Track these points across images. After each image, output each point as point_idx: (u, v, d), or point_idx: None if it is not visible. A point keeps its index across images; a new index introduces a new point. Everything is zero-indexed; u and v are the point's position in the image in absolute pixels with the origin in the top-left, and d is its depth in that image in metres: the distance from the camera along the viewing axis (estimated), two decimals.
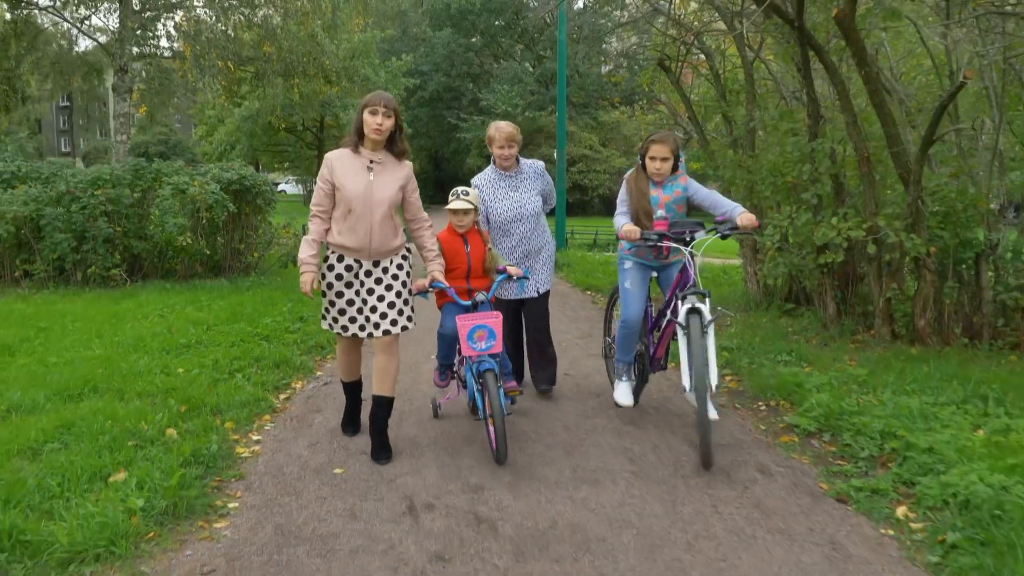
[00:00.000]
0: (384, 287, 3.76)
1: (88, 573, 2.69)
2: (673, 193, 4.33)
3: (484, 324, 3.81)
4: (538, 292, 4.86)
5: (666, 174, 4.26)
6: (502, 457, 3.68)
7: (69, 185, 9.34)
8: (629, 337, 4.47)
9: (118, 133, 14.12)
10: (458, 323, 3.84)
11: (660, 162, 4.20)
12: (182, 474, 3.35)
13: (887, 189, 7.17)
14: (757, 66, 8.63)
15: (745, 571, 2.79)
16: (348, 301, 3.75)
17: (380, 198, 3.67)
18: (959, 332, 6.72)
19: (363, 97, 3.77)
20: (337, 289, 3.75)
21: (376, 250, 3.73)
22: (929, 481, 3.45)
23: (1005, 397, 4.85)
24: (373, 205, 3.65)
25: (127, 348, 6.00)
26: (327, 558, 2.84)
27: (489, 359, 3.81)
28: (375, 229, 3.67)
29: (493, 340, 3.82)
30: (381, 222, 3.68)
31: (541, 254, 4.90)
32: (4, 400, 4.45)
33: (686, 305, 3.83)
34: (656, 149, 4.20)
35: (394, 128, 3.71)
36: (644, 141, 4.40)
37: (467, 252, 4.22)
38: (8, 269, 9.44)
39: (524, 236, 4.79)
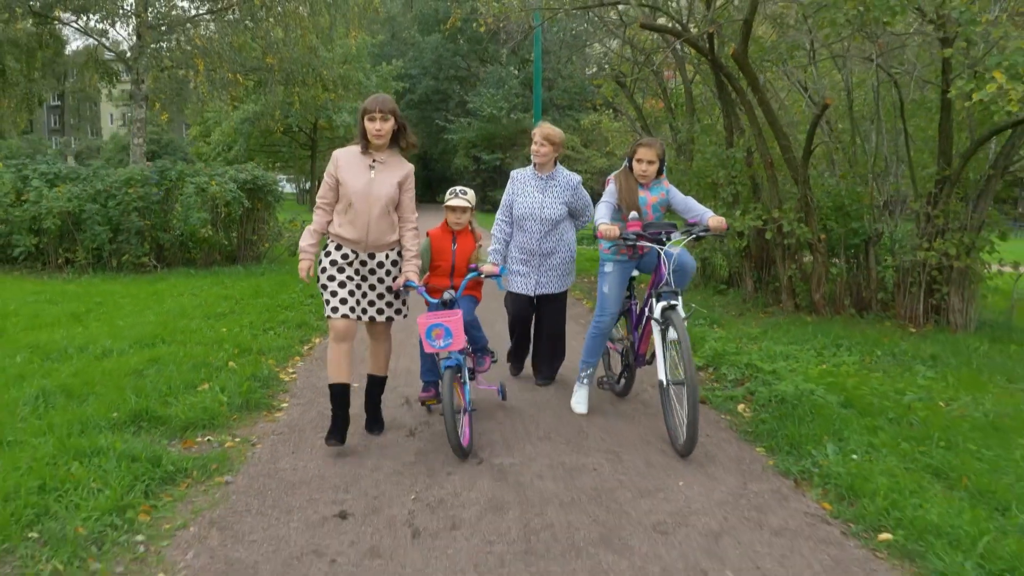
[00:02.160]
0: (376, 279, 3.98)
1: (200, 434, 4.19)
2: (659, 195, 4.54)
3: (440, 323, 3.86)
4: (535, 293, 5.05)
5: (651, 176, 4.47)
6: (457, 452, 3.82)
7: (105, 184, 10.76)
8: (599, 339, 4.73)
9: (135, 137, 15.51)
10: (418, 321, 3.92)
11: (647, 165, 4.40)
12: (248, 384, 4.86)
13: (794, 187, 8.75)
14: (697, 84, 10.20)
15: (629, 437, 4.33)
16: (340, 283, 3.89)
17: (378, 195, 3.86)
18: (848, 304, 8.32)
19: (359, 102, 4.13)
20: (330, 273, 3.91)
21: (372, 243, 3.91)
22: (764, 389, 5.01)
23: (854, 346, 6.45)
24: (371, 201, 3.84)
25: (175, 315, 7.46)
26: (354, 422, 4.35)
27: (456, 355, 3.91)
28: (372, 223, 3.86)
29: (450, 338, 3.86)
30: (378, 217, 3.87)
31: (552, 258, 5.03)
32: (99, 346, 5.92)
33: (661, 303, 4.05)
34: (643, 152, 4.41)
35: (395, 128, 3.92)
36: (632, 144, 4.62)
37: (453, 250, 4.38)
38: (53, 257, 10.86)
39: (535, 236, 4.95)
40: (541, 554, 2.84)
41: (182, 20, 15.63)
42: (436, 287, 4.30)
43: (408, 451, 4.02)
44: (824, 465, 3.74)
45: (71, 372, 5.06)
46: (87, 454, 3.57)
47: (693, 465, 3.86)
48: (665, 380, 4.03)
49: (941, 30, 6.67)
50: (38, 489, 3.16)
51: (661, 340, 4.06)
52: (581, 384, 4.82)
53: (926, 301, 7.91)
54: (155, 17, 15.36)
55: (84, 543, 2.85)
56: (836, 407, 4.62)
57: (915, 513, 3.13)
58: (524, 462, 3.84)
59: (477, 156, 37.28)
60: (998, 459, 3.86)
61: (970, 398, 5.06)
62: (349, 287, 3.90)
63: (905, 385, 5.31)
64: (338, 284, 3.90)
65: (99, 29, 15.70)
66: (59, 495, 3.16)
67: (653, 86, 11.10)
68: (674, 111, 10.49)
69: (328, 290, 3.90)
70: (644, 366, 4.77)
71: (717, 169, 8.30)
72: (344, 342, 3.91)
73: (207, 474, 3.61)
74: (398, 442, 4.16)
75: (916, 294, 7.94)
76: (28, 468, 3.34)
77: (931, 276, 7.81)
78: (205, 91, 15.42)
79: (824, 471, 3.67)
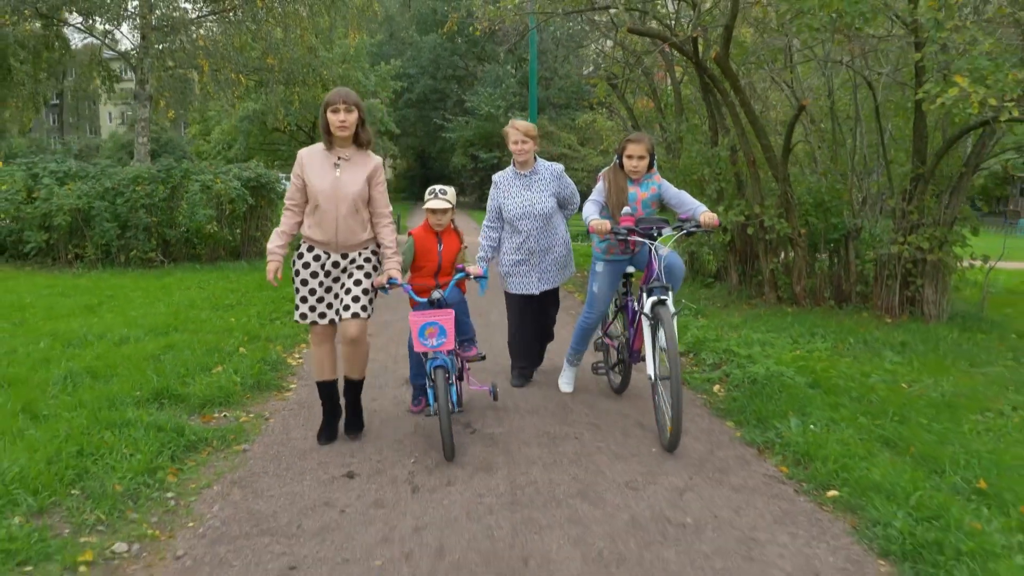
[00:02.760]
0: (348, 276, 3.87)
1: (216, 411, 4.56)
2: (649, 191, 4.53)
3: (435, 321, 3.81)
4: (538, 291, 4.98)
5: (642, 172, 4.48)
6: (449, 453, 3.73)
7: (114, 182, 11.13)
8: (587, 333, 4.90)
9: (139, 136, 15.86)
10: (410, 319, 3.87)
11: (637, 160, 4.42)
12: (259, 367, 5.24)
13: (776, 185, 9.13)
14: (686, 84, 10.57)
15: (610, 412, 4.71)
16: (311, 290, 3.84)
17: (345, 193, 3.74)
18: (829, 296, 8.71)
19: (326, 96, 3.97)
20: (303, 277, 3.85)
21: (342, 243, 3.81)
22: (738, 371, 5.38)
23: (828, 334, 6.84)
24: (338, 200, 3.73)
25: (185, 307, 7.82)
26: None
27: (443, 356, 3.86)
28: (340, 223, 3.76)
29: (444, 337, 3.82)
30: (347, 216, 3.76)
31: (549, 254, 4.96)
32: (116, 334, 6.28)
33: (651, 298, 4.03)
34: (632, 148, 4.41)
35: (358, 121, 3.80)
36: (621, 141, 4.61)
37: (439, 251, 4.28)
38: (63, 253, 11.22)
39: (531, 234, 4.87)
40: (525, 504, 3.23)
41: (185, 22, 15.96)
42: (421, 287, 4.18)
43: (408, 424, 4.39)
44: (786, 436, 4.12)
45: (93, 356, 5.43)
46: (117, 425, 3.94)
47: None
48: (653, 375, 4.03)
49: (913, 34, 7.05)
50: (76, 454, 3.54)
51: (651, 336, 4.06)
52: (569, 365, 5.09)
53: (902, 293, 8.29)
54: (159, 19, 15.69)
55: (121, 498, 3.23)
56: (804, 387, 5.00)
57: (861, 474, 3.51)
58: (512, 432, 4.22)
59: (475, 155, 37.59)
60: (946, 432, 4.23)
61: (932, 380, 5.44)
62: (319, 292, 3.86)
63: (872, 369, 5.70)
64: (308, 290, 3.86)
65: (104, 30, 16.03)
66: (95, 459, 3.53)
67: (644, 86, 11.47)
68: (664, 111, 10.86)
69: (299, 295, 3.89)
70: (640, 362, 4.63)
71: (702, 167, 8.68)
72: (325, 344, 3.98)
73: (226, 443, 3.99)
74: (399, 416, 4.54)
75: (892, 286, 8.32)
76: (66, 436, 3.71)
77: (906, 269, 8.19)
78: (210, 91, 15.78)
79: (785, 440, 4.05)
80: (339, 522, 3.09)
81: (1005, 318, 8.61)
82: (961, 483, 3.45)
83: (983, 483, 3.42)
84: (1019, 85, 5.89)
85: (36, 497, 3.12)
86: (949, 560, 2.75)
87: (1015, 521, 3.06)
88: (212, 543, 2.91)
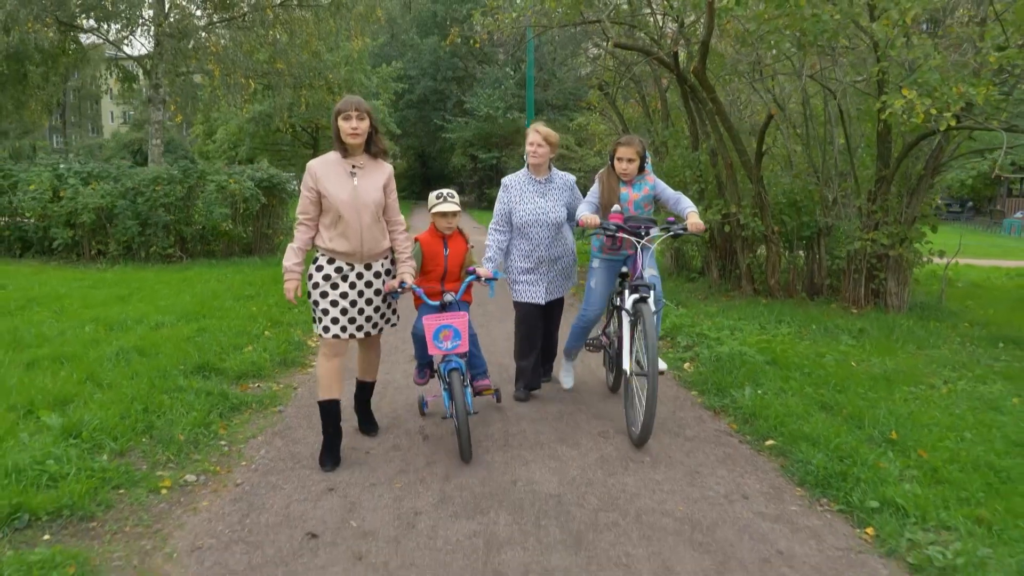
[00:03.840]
0: (374, 292, 3.83)
1: (251, 382, 5.27)
2: (641, 191, 4.59)
3: (450, 324, 3.84)
4: (544, 300, 4.87)
5: (633, 174, 4.53)
6: (466, 455, 3.75)
7: (135, 182, 11.84)
8: (584, 330, 4.96)
9: (152, 137, 16.60)
10: (424, 323, 3.89)
11: (627, 163, 4.46)
12: (284, 347, 5.96)
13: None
14: (673, 91, 11.29)
15: (593, 383, 5.43)
16: (332, 302, 3.73)
17: (366, 202, 3.69)
18: (801, 289, 9.44)
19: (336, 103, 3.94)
20: (322, 289, 3.75)
21: (367, 253, 3.76)
22: (707, 351, 6.11)
23: (794, 321, 7.56)
24: (360, 209, 3.67)
25: (209, 297, 8.54)
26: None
27: (456, 359, 3.87)
28: (364, 233, 3.71)
29: (459, 340, 3.84)
30: (370, 225, 3.72)
31: (558, 263, 4.90)
32: (152, 320, 7.00)
33: (633, 296, 4.10)
34: (623, 151, 4.47)
35: (370, 129, 3.75)
36: (613, 143, 4.65)
37: (445, 256, 4.24)
38: (87, 249, 11.94)
39: (541, 242, 4.79)
40: (515, 446, 3.96)
41: (197, 28, 16.67)
42: (428, 291, 4.14)
43: (415, 392, 5.10)
44: (739, 401, 4.84)
45: (137, 338, 6.15)
46: (171, 390, 4.67)
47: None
48: (629, 370, 4.07)
49: (875, 49, 7.77)
50: (143, 411, 4.26)
51: (629, 331, 4.13)
52: (567, 360, 5.24)
53: (867, 286, 9.02)
54: (171, 25, 16.39)
55: (184, 444, 3.95)
56: (762, 364, 5.73)
57: (795, 428, 4.23)
58: (507, 397, 4.94)
59: (474, 155, 38.35)
60: (878, 399, 4.95)
61: (879, 360, 6.18)
62: (343, 304, 3.74)
63: (827, 350, 6.43)
64: (330, 302, 3.74)
65: (120, 37, 16.76)
66: (158, 415, 4.26)
67: (634, 93, 12.19)
68: (651, 116, 11.59)
69: (320, 307, 3.75)
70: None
71: (684, 169, 9.41)
72: (337, 357, 3.83)
73: (264, 405, 4.71)
74: (409, 385, 5.26)
75: (858, 280, 9.05)
76: (131, 398, 4.43)
77: (871, 264, 8.93)
78: (220, 95, 16.53)
79: (738, 404, 4.77)
80: (365, 459, 3.82)
81: (964, 309, 9.33)
82: (877, 435, 4.17)
83: (895, 434, 4.15)
84: (963, 98, 6.63)
85: (116, 442, 3.83)
86: (850, 486, 3.47)
87: (912, 461, 3.78)
88: (264, 474, 3.63)
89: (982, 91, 6.56)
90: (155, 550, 2.91)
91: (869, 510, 3.25)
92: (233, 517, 3.19)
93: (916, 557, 2.88)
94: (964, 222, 36.14)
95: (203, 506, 3.30)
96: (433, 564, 2.81)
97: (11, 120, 19.08)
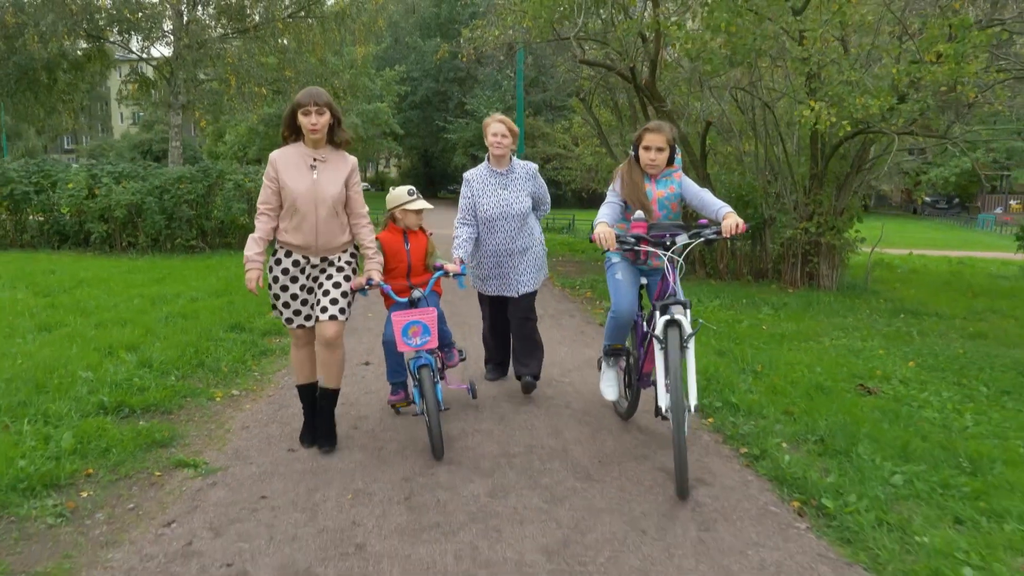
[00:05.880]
0: (326, 277, 3.75)
1: (274, 338, 6.66)
2: (667, 189, 3.93)
3: (418, 320, 3.81)
4: (518, 293, 4.81)
5: (661, 166, 3.87)
6: (438, 453, 3.75)
7: (161, 181, 13.27)
8: (619, 328, 4.07)
9: (172, 140, 18.06)
10: (392, 319, 3.87)
11: (655, 152, 3.82)
12: None
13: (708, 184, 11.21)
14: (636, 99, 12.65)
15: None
16: (292, 295, 3.74)
17: (324, 196, 3.63)
18: (747, 272, 10.81)
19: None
20: (282, 283, 3.73)
21: (322, 247, 3.70)
22: None
23: (726, 296, 8.92)
24: (317, 203, 3.62)
25: (233, 280, 9.92)
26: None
27: (426, 355, 3.85)
28: (320, 227, 3.65)
29: (428, 336, 3.82)
30: (326, 219, 3.66)
31: (526, 255, 4.82)
32: (187, 295, 8.40)
33: (664, 316, 3.45)
34: (651, 139, 3.82)
35: (331, 121, 3.67)
36: (638, 131, 4.00)
37: (407, 251, 4.21)
38: (119, 241, 13.38)
39: (508, 234, 4.73)
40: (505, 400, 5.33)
41: (214, 40, 18.12)
42: (396, 288, 4.09)
43: None
44: None
45: (178, 307, 7.56)
46: (214, 339, 6.07)
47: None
48: (664, 407, 3.45)
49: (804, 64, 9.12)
50: (194, 352, 5.65)
51: (664, 361, 3.44)
52: (608, 366, 4.27)
53: (802, 269, 10.40)
54: (190, 36, 17.83)
55: (228, 373, 5.34)
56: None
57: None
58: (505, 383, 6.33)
59: (475, 154, 39.71)
60: (767, 349, 6.29)
61: (788, 324, 7.53)
62: (301, 297, 3.76)
63: (745, 317, 7.80)
64: (290, 295, 3.76)
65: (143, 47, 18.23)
66: (206, 355, 5.65)
67: (608, 100, 13.57)
68: (623, 121, 12.96)
69: (280, 301, 3.78)
70: (650, 387, 3.99)
71: None
72: (307, 346, 3.91)
73: (284, 352, 6.10)
74: None
75: (795, 264, 10.43)
76: (184, 344, 5.83)
77: (805, 250, 10.29)
78: (236, 103, 18.02)
79: None
80: (367, 381, 5.20)
81: (889, 290, 10.69)
82: (748, 369, 5.54)
83: (760, 367, 5.52)
84: (862, 108, 7.99)
85: (179, 371, 5.23)
86: (709, 394, 4.83)
87: (763, 384, 5.14)
88: (287, 389, 5.01)
89: (877, 102, 7.93)
90: (217, 428, 4.30)
91: (714, 408, 4.63)
92: (268, 412, 4.58)
93: (731, 431, 4.26)
94: (948, 217, 37.39)
95: (246, 407, 4.70)
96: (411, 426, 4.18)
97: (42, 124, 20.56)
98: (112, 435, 3.90)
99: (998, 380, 5.55)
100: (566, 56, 12.74)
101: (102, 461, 3.65)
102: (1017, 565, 2.75)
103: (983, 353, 6.48)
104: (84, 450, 3.72)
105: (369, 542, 2.91)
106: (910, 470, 3.59)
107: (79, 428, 3.94)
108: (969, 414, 4.64)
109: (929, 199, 39.64)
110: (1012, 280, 12.69)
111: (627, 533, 3.02)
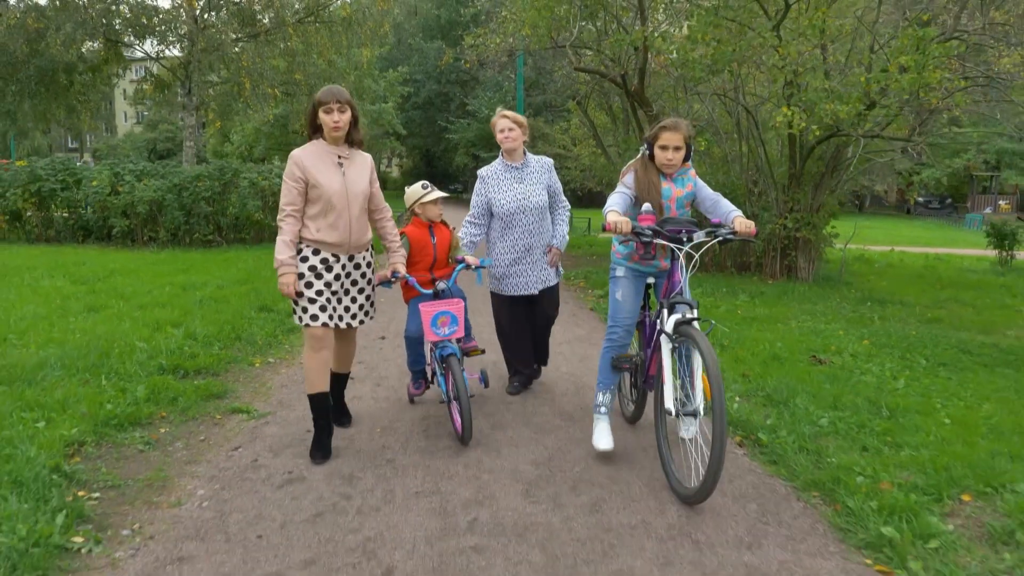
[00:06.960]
0: (352, 283, 3.83)
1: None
2: (685, 188, 3.85)
3: (447, 311, 3.89)
4: (544, 286, 4.79)
5: (678, 165, 3.77)
6: (467, 437, 3.81)
7: (180, 179, 14.06)
8: (613, 358, 3.94)
9: (187, 140, 18.85)
10: (421, 310, 3.94)
11: (672, 151, 3.69)
12: None
13: None
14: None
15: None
16: (318, 291, 3.68)
17: (355, 192, 3.71)
18: (731, 265, 11.60)
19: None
20: (308, 279, 3.67)
21: (354, 244, 3.76)
22: None
23: (707, 286, 9.70)
24: (350, 200, 3.69)
25: (251, 271, 10.71)
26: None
27: (451, 345, 3.94)
28: (353, 224, 3.72)
29: (456, 326, 3.91)
30: (358, 216, 3.74)
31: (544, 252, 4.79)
32: (212, 284, 9.18)
33: (674, 316, 3.41)
34: (668, 137, 3.69)
35: (351, 120, 3.70)
36: (653, 128, 3.87)
37: (434, 244, 4.29)
38: (140, 235, 14.17)
39: (528, 229, 4.67)
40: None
41: (227, 45, 18.91)
42: (420, 281, 4.18)
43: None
44: None
45: (209, 292, 8.34)
46: (247, 318, 6.86)
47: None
48: (673, 409, 3.35)
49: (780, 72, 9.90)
50: (231, 328, 6.43)
51: (670, 360, 3.41)
52: (599, 415, 4.01)
53: (781, 262, 11.19)
54: (205, 40, 18.61)
55: (263, 345, 6.13)
56: None
57: None
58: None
59: (476, 154, 40.47)
60: (738, 330, 7.08)
61: (762, 310, 8.31)
62: (327, 294, 3.71)
63: (722, 303, 8.58)
64: (315, 292, 3.68)
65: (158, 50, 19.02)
66: (242, 332, 6.43)
67: (603, 103, 14.36)
68: (616, 123, 13.75)
69: (305, 297, 3.67)
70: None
71: None
72: (324, 350, 3.75)
73: None
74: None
75: (775, 257, 11.21)
76: (222, 321, 6.61)
77: (784, 244, 11.08)
78: (251, 104, 18.80)
79: None
80: (385, 351, 5.99)
81: (863, 282, 11.48)
82: (716, 343, 6.32)
83: (727, 342, 6.30)
84: (832, 114, 8.77)
85: (221, 343, 6.02)
86: None
87: (730, 356, 5.92)
88: None
89: (844, 108, 8.70)
90: (260, 386, 5.09)
91: None
92: (302, 375, 5.35)
93: None
94: (939, 217, 38.17)
95: (282, 371, 5.49)
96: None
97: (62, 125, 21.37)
98: (176, 388, 4.69)
99: (939, 355, 6.34)
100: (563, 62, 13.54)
101: (172, 407, 4.44)
102: (903, 478, 3.52)
103: (933, 334, 7.27)
104: (156, 399, 4.51)
105: (397, 458, 3.71)
106: (835, 415, 4.37)
107: (148, 383, 4.73)
108: (903, 380, 5.42)
109: (922, 199, 40.42)
110: (980, 274, 13.48)
111: (598, 455, 3.81)
